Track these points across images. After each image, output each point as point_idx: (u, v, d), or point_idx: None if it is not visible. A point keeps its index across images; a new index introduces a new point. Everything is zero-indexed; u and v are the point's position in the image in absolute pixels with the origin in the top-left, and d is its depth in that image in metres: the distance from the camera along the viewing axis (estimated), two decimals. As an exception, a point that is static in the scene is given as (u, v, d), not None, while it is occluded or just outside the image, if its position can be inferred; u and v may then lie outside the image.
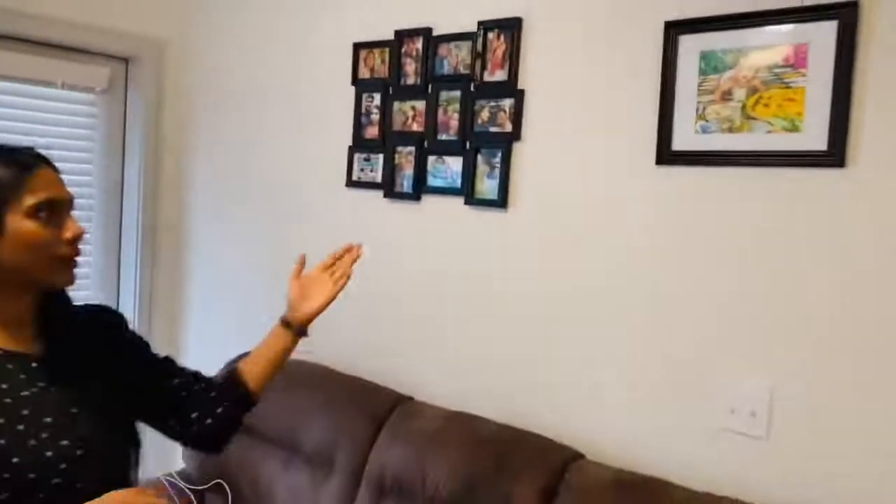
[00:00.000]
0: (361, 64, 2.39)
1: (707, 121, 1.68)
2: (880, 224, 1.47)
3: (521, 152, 1.99)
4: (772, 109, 1.59)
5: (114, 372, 1.28)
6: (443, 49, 2.17)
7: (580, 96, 1.88)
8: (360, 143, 2.39)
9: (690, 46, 1.70)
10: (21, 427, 1.12)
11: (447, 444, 1.89)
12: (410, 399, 2.13)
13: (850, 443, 1.50)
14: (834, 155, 1.51)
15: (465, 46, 2.11)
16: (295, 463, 2.17)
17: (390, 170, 2.29)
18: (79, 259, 1.22)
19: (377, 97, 2.34)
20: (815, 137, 1.54)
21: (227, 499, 2.26)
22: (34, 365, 1.19)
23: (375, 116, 2.35)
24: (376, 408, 2.10)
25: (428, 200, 2.21)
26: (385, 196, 2.31)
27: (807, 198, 1.56)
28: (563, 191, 1.92)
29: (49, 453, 1.13)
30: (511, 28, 2.00)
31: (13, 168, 1.16)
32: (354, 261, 1.51)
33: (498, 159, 2.03)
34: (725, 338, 1.66)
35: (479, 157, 2.07)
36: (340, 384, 2.24)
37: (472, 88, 2.10)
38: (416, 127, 2.24)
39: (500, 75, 2.03)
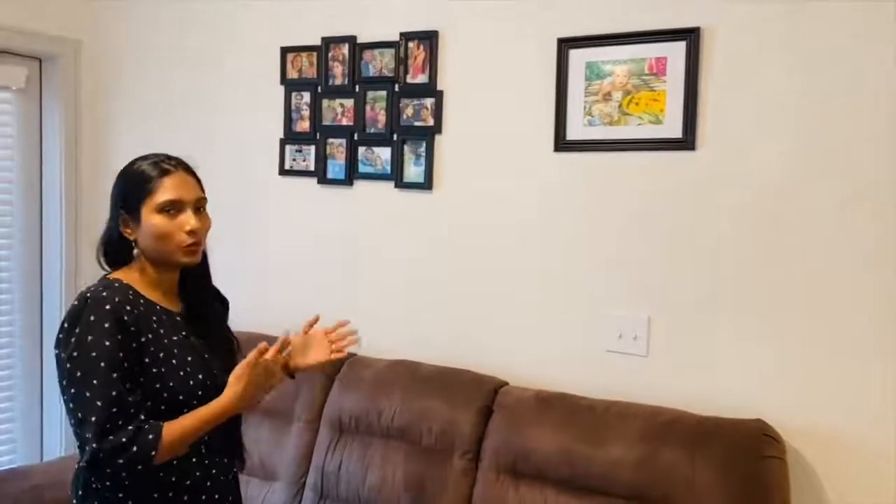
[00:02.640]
0: (289, 66, 2.70)
1: (593, 116, 2.17)
2: (721, 190, 2.01)
3: (443, 142, 2.41)
4: (641, 107, 2.10)
5: (224, 335, 1.68)
6: (367, 55, 2.53)
7: (491, 97, 2.32)
8: (291, 136, 2.71)
9: (578, 58, 2.17)
10: (174, 361, 1.47)
11: (394, 384, 2.28)
12: (355, 355, 2.49)
13: (708, 357, 2.04)
14: (688, 141, 2.04)
15: (389, 53, 2.49)
16: (254, 418, 2.47)
17: (323, 159, 2.63)
18: (198, 246, 1.54)
19: (306, 95, 2.66)
20: (673, 128, 2.06)
21: (189, 456, 2.52)
22: (178, 319, 1.56)
23: (306, 112, 2.67)
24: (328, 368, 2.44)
25: (360, 185, 2.57)
26: (318, 182, 2.64)
27: (669, 173, 2.08)
28: (480, 174, 2.35)
29: (191, 382, 1.49)
30: (429, 39, 2.40)
31: (153, 171, 1.51)
32: (351, 342, 1.79)
33: (423, 149, 2.43)
34: (613, 282, 2.16)
35: (406, 147, 2.46)
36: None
37: (396, 89, 2.48)
38: (345, 121, 2.59)
39: (421, 78, 2.43)
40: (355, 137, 2.57)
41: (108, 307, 1.41)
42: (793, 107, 1.91)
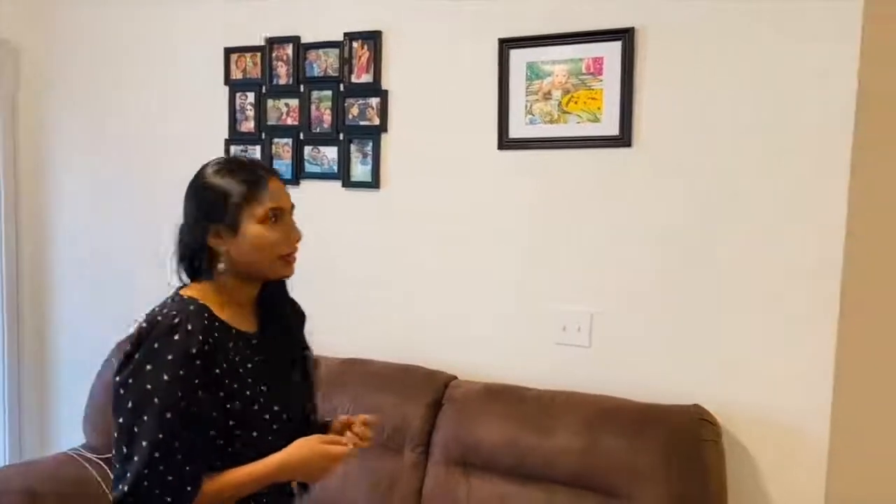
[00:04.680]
0: (233, 66, 2.69)
1: (534, 115, 2.22)
2: (656, 185, 2.09)
3: (389, 141, 2.44)
4: (580, 106, 2.16)
5: (303, 358, 1.54)
6: (312, 55, 2.54)
7: (436, 96, 2.36)
8: (236, 137, 2.70)
9: (519, 58, 2.22)
10: (248, 393, 1.36)
11: (346, 383, 2.30)
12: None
13: (648, 346, 2.11)
14: (624, 138, 2.10)
15: (333, 53, 2.50)
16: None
17: (269, 159, 2.63)
18: (296, 255, 1.45)
19: (251, 95, 2.66)
20: (610, 126, 2.12)
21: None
22: (253, 342, 1.42)
23: (250, 112, 2.67)
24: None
25: (307, 185, 2.58)
26: (265, 182, 2.64)
27: (607, 169, 2.14)
28: (427, 172, 2.39)
29: (266, 416, 1.38)
30: (373, 39, 2.43)
31: (250, 180, 1.38)
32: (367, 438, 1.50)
33: (369, 148, 2.45)
34: (557, 276, 2.22)
35: (353, 146, 2.48)
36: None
37: (341, 88, 2.50)
38: (290, 121, 2.60)
39: (366, 78, 2.45)
40: (301, 137, 2.58)
41: (176, 337, 1.30)
42: (726, 104, 1.99)
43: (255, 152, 2.66)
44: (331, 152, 2.53)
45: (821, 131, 1.89)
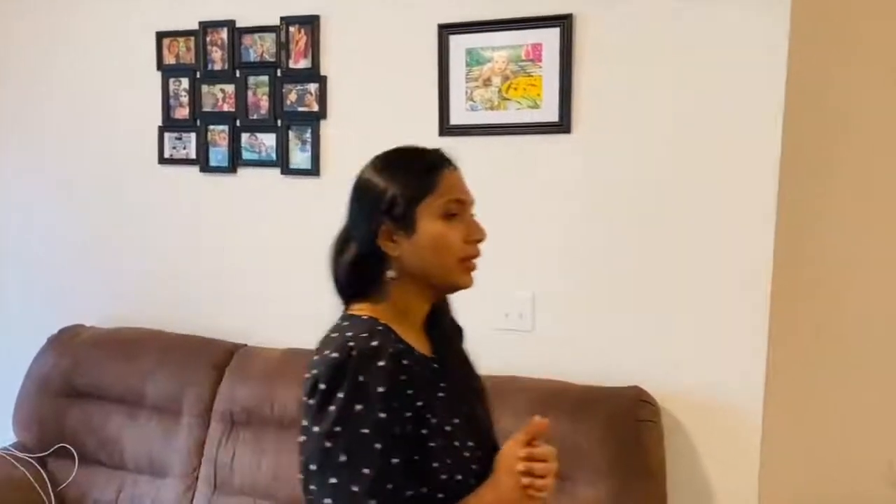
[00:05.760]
0: (166, 51, 2.61)
1: (474, 101, 2.22)
2: (595, 171, 2.11)
3: (329, 128, 2.40)
4: (520, 92, 2.17)
5: (476, 377, 1.33)
6: (247, 39, 2.48)
7: (375, 82, 2.33)
8: (170, 124, 2.62)
9: (458, 44, 2.21)
10: (447, 429, 1.13)
11: (287, 374, 2.26)
12: (245, 345, 2.46)
13: (589, 330, 2.13)
14: (563, 124, 2.12)
15: (270, 38, 2.45)
16: (142, 415, 2.40)
17: (204, 146, 2.56)
18: (478, 261, 1.20)
19: (185, 81, 2.59)
20: (550, 112, 2.13)
21: (74, 459, 2.42)
22: (435, 367, 1.20)
23: (185, 98, 2.59)
24: (215, 357, 2.40)
25: (244, 172, 2.53)
26: (201, 171, 2.58)
27: (547, 155, 2.15)
28: (367, 158, 2.34)
29: (466, 454, 1.15)
30: (310, 23, 2.38)
31: (425, 168, 1.18)
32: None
33: (308, 134, 2.41)
34: (499, 262, 2.20)
35: (291, 133, 2.44)
36: (175, 341, 2.49)
37: (278, 74, 2.45)
38: (227, 107, 2.53)
39: (304, 63, 2.41)
40: (238, 124, 2.52)
41: (381, 364, 1.06)
42: (665, 91, 2.02)
43: (191, 139, 2.59)
44: (268, 139, 2.48)
45: (753, 116, 1.93)
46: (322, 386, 1.07)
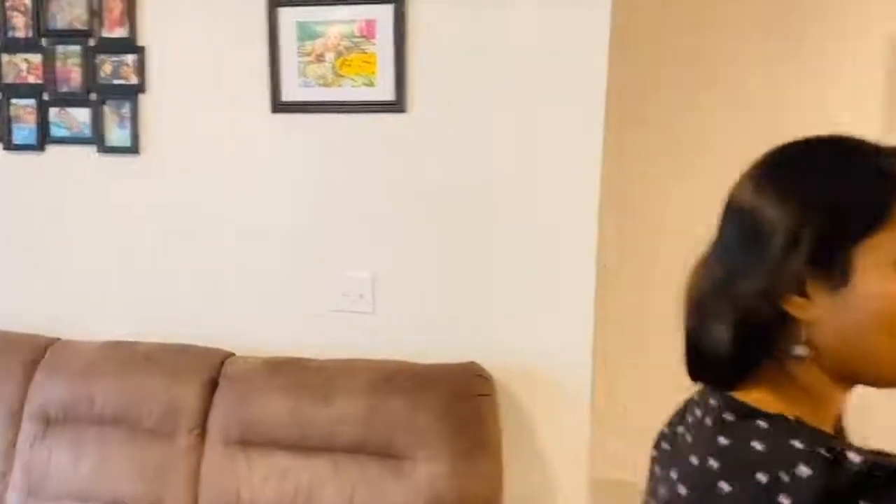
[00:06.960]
0: (-43, 14, 2.33)
1: (307, 77, 2.14)
2: (429, 150, 2.10)
3: (149, 103, 2.24)
4: (354, 69, 2.12)
5: None
6: (54, 5, 2.26)
7: (202, 55, 2.19)
8: (-36, 97, 2.35)
9: (288, 18, 2.12)
10: None
11: (106, 368, 2.12)
12: (59, 339, 2.26)
13: (428, 309, 2.14)
14: (399, 103, 2.09)
15: (80, 4, 2.24)
16: (-62, 421, 2.15)
17: (7, 122, 2.32)
18: None
19: (-19, 49, 2.32)
20: (385, 91, 2.10)
21: None
22: None
23: (-18, 69, 2.33)
24: (26, 353, 2.19)
25: (55, 150, 2.31)
26: (5, 149, 2.33)
27: (382, 134, 2.12)
28: (194, 136, 2.23)
29: None
30: (126, -11, 2.21)
31: (872, 188, 0.75)
32: None
33: (127, 110, 2.24)
34: (336, 243, 2.18)
35: (107, 108, 2.25)
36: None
37: (91, 44, 2.25)
38: (32, 79, 2.30)
39: (119, 32, 2.22)
40: (45, 98, 2.30)
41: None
42: (493, 71, 2.04)
43: (-10, 114, 2.33)
44: (81, 114, 2.27)
45: (576, 95, 2.00)
46: None
